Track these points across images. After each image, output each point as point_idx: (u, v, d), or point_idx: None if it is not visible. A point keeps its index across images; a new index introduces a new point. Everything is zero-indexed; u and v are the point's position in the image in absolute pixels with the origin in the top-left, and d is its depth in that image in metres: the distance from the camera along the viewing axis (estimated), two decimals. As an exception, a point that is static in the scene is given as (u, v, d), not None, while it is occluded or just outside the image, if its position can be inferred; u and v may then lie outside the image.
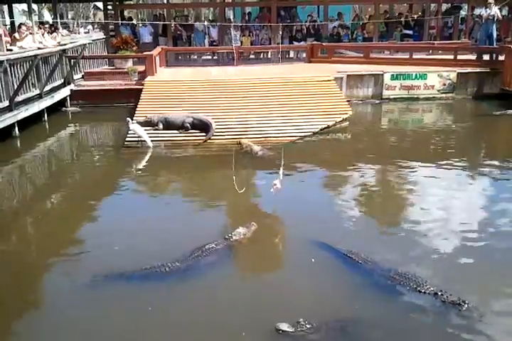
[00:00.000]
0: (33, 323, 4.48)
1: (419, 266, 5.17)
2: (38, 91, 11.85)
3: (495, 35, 15.36)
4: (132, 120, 10.20)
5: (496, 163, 8.91)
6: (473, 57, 15.70)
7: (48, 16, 26.37)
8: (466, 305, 4.36)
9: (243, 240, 5.74)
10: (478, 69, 14.77)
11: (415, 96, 14.47)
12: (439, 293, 4.50)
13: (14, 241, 6.28)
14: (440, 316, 4.37)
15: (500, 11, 17.33)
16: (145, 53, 14.60)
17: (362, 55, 16.13)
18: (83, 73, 14.97)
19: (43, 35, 13.74)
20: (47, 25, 15.67)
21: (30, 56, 10.97)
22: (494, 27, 15.29)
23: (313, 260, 5.34)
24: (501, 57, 14.68)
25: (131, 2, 23.25)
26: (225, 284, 4.97)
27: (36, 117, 11.64)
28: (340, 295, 4.78)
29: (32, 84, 11.67)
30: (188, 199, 7.59)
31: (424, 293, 4.56)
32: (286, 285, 4.94)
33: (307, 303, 4.61)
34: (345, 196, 7.38)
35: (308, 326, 4.06)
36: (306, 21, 19.33)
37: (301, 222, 6.36)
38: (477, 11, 18.00)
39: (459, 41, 18.77)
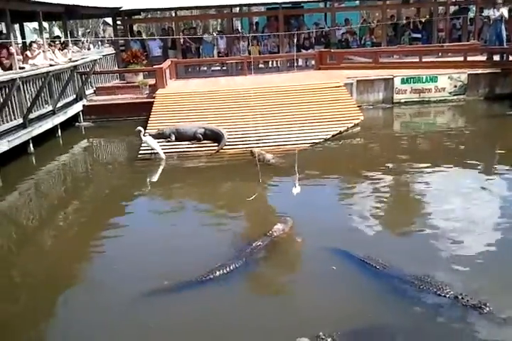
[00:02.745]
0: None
1: (438, 270, 5.11)
2: (51, 108, 11.99)
3: (504, 36, 15.26)
4: (144, 132, 10.27)
5: (510, 164, 8.84)
6: (483, 58, 15.62)
7: (58, 33, 26.70)
8: (487, 308, 4.30)
9: (283, 235, 5.99)
10: (488, 70, 14.68)
11: (426, 99, 14.40)
12: (460, 297, 4.46)
13: (28, 256, 6.35)
14: (461, 320, 4.32)
15: (509, 11, 17.24)
16: (155, 66, 14.73)
17: (371, 60, 16.10)
18: (95, 88, 15.14)
19: (53, 52, 13.92)
20: (58, 42, 15.86)
21: (43, 73, 11.12)
22: (503, 27, 15.19)
23: (334, 268, 5.31)
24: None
25: (140, 17, 23.44)
26: (243, 295, 4.96)
27: (50, 133, 11.76)
28: (359, 303, 4.72)
29: (45, 100, 11.81)
30: (206, 208, 7.64)
31: (444, 296, 4.52)
32: (305, 294, 4.90)
33: (327, 312, 4.57)
34: (361, 202, 7.33)
35: (328, 339, 4.01)
36: (312, 29, 19.35)
37: (316, 228, 6.36)
38: (485, 12, 17.93)
39: (469, 43, 18.68)
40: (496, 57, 15.31)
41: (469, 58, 15.27)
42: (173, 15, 20.33)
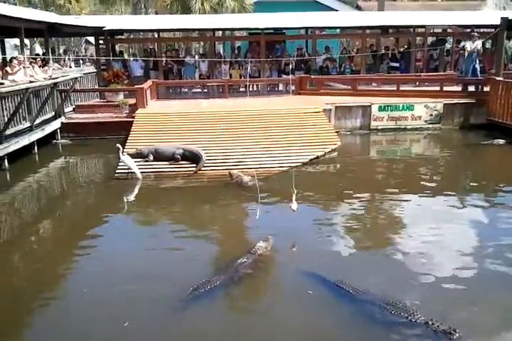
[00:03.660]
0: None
1: (410, 295, 5.17)
2: (28, 124, 11.90)
3: (478, 67, 15.69)
4: (123, 151, 10.24)
5: (484, 192, 9.03)
6: (458, 88, 16.00)
7: (39, 50, 26.64)
8: (457, 334, 4.35)
9: (266, 252, 6.14)
10: (464, 100, 15.03)
11: (403, 126, 14.66)
12: (430, 322, 4.49)
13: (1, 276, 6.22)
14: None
15: (484, 44, 17.75)
16: (136, 86, 14.77)
17: (350, 87, 16.37)
18: (74, 106, 15.09)
19: (34, 68, 13.87)
20: (38, 59, 15.82)
21: (22, 89, 11.05)
22: (477, 59, 15.65)
23: (310, 292, 5.33)
24: (486, 88, 14.99)
25: (122, 37, 23.56)
26: (217, 318, 4.94)
27: (27, 149, 11.65)
28: (332, 327, 4.75)
29: (23, 117, 11.73)
30: (183, 228, 7.58)
31: (415, 322, 4.55)
32: (281, 317, 4.92)
33: (300, 336, 4.58)
34: (336, 227, 7.39)
35: None
36: (293, 55, 19.65)
37: (291, 252, 6.51)
38: (462, 44, 18.44)
39: (445, 73, 19.13)
40: (471, 88, 15.71)
41: (445, 88, 15.64)
42: (156, 36, 20.47)
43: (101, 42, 19.53)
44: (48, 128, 12.94)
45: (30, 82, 12.12)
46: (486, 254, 6.23)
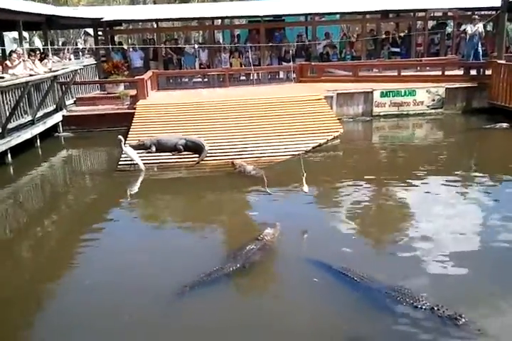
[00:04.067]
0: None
1: (414, 281, 5.17)
2: (30, 118, 11.90)
3: (480, 51, 15.58)
4: (125, 142, 10.25)
5: (488, 176, 8.98)
6: (460, 72, 15.90)
7: (38, 43, 26.55)
8: (462, 319, 4.35)
9: (274, 239, 6.14)
10: (466, 84, 14.96)
11: (405, 112, 14.60)
12: (436, 308, 4.50)
13: (4, 268, 6.25)
14: (437, 331, 4.36)
15: (485, 27, 17.62)
16: (136, 77, 14.73)
17: (351, 74, 16.29)
18: (75, 99, 15.07)
19: (33, 62, 13.83)
20: (38, 52, 15.75)
21: (22, 83, 11.02)
22: (479, 42, 15.54)
23: (316, 280, 5.35)
24: (488, 72, 14.89)
25: (121, 28, 23.43)
26: (222, 305, 4.97)
27: (29, 143, 11.65)
28: (337, 314, 4.76)
29: (24, 110, 11.72)
30: (188, 218, 7.63)
31: (421, 308, 4.56)
32: (285, 305, 4.94)
33: (305, 324, 4.60)
34: (341, 214, 7.38)
35: None
36: (294, 42, 19.55)
37: (296, 239, 6.49)
38: (463, 27, 18.33)
39: (446, 57, 19.01)
40: (473, 72, 15.61)
41: (447, 72, 15.55)
42: (155, 26, 20.37)
43: (100, 33, 19.45)
44: (50, 122, 12.94)
45: (30, 75, 12.08)
46: (493, 240, 6.20)
